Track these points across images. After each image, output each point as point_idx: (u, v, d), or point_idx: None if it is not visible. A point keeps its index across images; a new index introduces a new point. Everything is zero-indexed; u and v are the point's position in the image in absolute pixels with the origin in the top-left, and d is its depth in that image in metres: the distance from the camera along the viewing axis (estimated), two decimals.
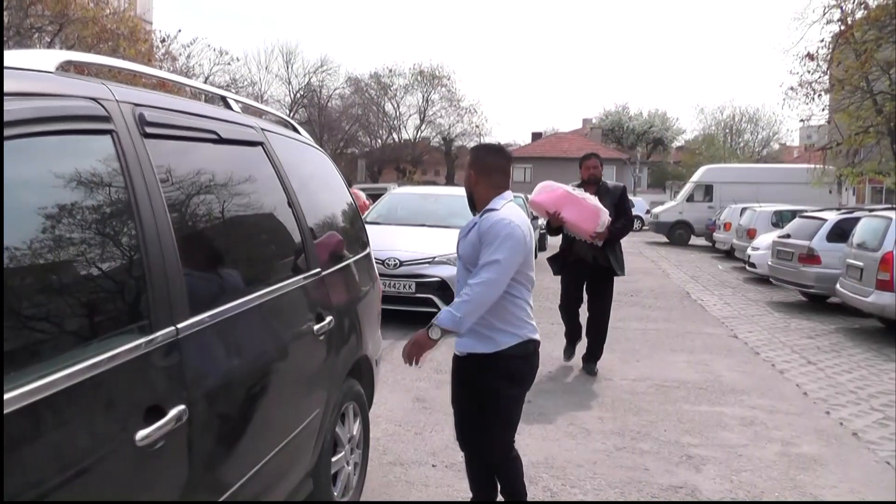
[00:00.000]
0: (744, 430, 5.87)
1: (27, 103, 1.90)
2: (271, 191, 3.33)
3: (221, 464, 2.48)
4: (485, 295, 3.29)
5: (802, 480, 4.85)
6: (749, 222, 19.36)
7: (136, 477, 2.00)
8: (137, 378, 2.05)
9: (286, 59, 51.80)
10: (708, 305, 12.69)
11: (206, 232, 2.77)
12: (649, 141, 63.86)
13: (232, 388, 2.56)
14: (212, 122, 2.93)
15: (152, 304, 2.16)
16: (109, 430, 1.91)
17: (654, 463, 5.08)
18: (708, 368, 7.94)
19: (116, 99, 2.28)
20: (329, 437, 3.64)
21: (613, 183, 7.58)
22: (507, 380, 3.50)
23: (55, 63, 2.19)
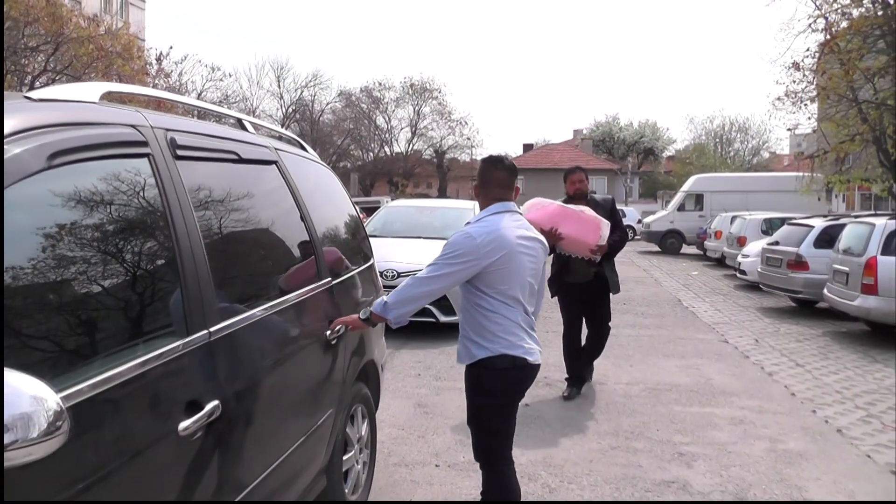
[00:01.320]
0: (733, 428, 6.12)
1: (80, 132, 2.13)
2: (286, 206, 3.59)
3: (249, 454, 2.71)
4: (412, 288, 3.48)
5: (788, 474, 5.10)
6: (739, 230, 19.66)
7: (179, 463, 2.23)
8: (179, 375, 2.28)
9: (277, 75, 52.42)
10: (699, 312, 12.96)
11: (230, 244, 3.01)
12: (640, 151, 64.23)
13: (257, 387, 2.79)
14: (232, 143, 3.19)
15: (187, 310, 2.39)
16: (157, 421, 2.15)
17: (647, 460, 5.31)
18: (699, 372, 8.18)
19: (151, 125, 2.53)
20: (340, 436, 3.88)
21: (602, 196, 7.24)
22: (476, 390, 3.60)
23: (98, 94, 2.44)
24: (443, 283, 3.47)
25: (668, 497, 4.67)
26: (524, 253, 3.54)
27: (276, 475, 2.96)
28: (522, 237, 3.57)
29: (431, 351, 8.84)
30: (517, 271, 3.51)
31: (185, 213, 2.51)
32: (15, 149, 1.84)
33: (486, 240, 3.43)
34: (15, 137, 1.86)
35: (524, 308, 3.58)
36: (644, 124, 65.08)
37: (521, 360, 3.50)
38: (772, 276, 13.62)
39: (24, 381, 1.42)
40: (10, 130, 1.86)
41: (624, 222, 7.74)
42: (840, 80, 18.34)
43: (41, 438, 1.39)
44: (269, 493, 2.91)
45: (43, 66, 20.36)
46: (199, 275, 2.47)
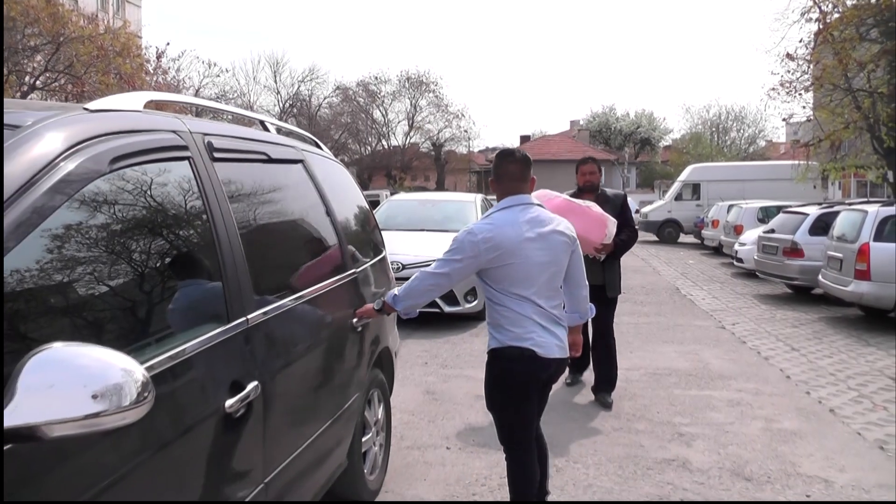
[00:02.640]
0: (730, 410, 6.37)
1: (132, 139, 2.36)
2: (312, 202, 3.85)
3: (287, 431, 2.95)
4: (419, 283, 3.70)
5: (783, 451, 5.35)
6: (736, 219, 19.91)
7: (226, 437, 2.46)
8: (223, 358, 2.51)
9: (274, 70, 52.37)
10: (697, 300, 13.21)
11: (263, 238, 3.23)
12: (637, 141, 64.46)
13: (292, 369, 3.04)
14: (262, 144, 3.45)
15: (227, 299, 2.62)
16: (207, 399, 2.38)
17: (648, 440, 5.56)
18: (697, 357, 8.44)
19: (190, 130, 2.75)
20: (359, 419, 4.12)
21: (614, 191, 6.84)
22: (488, 378, 3.81)
23: (142, 102, 2.66)
24: (446, 279, 3.66)
25: (669, 474, 4.91)
26: (534, 248, 3.59)
27: (309, 452, 3.21)
28: (535, 231, 3.62)
29: (437, 340, 9.09)
30: (523, 267, 3.58)
31: (224, 210, 2.74)
32: (84, 155, 2.07)
33: (485, 237, 3.54)
34: (84, 145, 2.09)
35: (536, 303, 3.63)
36: (641, 114, 65.32)
37: (528, 351, 3.60)
38: (768, 263, 13.86)
39: (112, 355, 1.64)
40: (80, 139, 2.09)
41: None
42: (834, 69, 18.56)
43: (132, 406, 1.61)
44: (303, 468, 3.16)
45: (44, 67, 20.50)
46: (237, 267, 2.70)
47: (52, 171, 1.93)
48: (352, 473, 4.06)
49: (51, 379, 1.53)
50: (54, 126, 2.08)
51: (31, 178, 1.87)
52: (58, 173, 1.95)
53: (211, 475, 2.38)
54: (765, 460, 5.18)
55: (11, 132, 1.96)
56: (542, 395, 3.90)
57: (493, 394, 3.82)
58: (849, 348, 9.08)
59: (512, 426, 3.82)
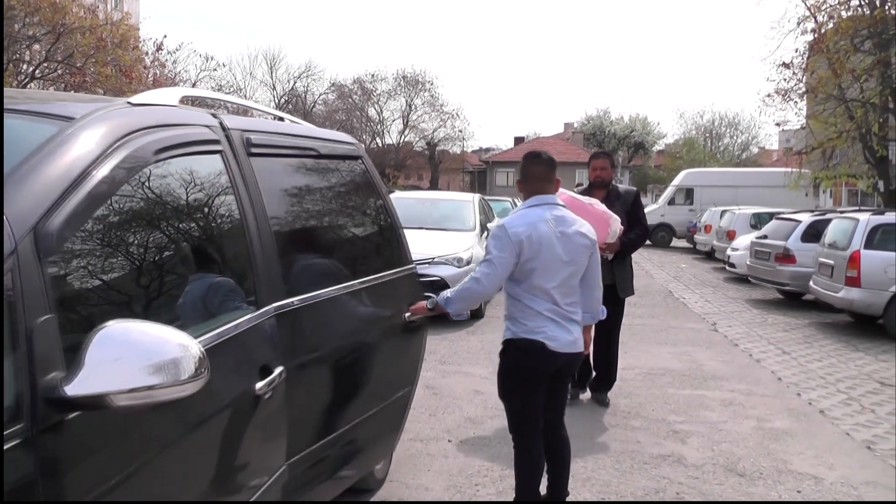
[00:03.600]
0: (723, 409, 6.53)
1: (172, 132, 2.48)
2: (368, 198, 3.99)
3: (313, 418, 3.07)
4: (470, 289, 3.80)
5: (774, 449, 5.50)
6: (729, 224, 20.07)
7: (256, 417, 2.59)
8: (254, 342, 2.64)
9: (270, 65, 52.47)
10: (690, 303, 13.38)
11: (301, 231, 3.36)
12: (630, 145, 64.63)
13: (321, 358, 3.16)
14: (311, 140, 3.60)
15: (257, 287, 2.75)
16: (241, 379, 2.50)
17: (644, 437, 5.71)
18: (691, 358, 8.60)
19: (226, 126, 2.88)
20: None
21: (625, 187, 6.69)
22: (500, 367, 4.00)
23: (177, 98, 2.79)
24: (493, 278, 3.74)
25: (665, 469, 5.06)
26: (559, 246, 3.74)
27: (342, 442, 3.34)
28: (560, 230, 3.77)
29: (435, 337, 9.19)
30: (546, 263, 3.73)
31: (255, 203, 2.86)
32: (133, 146, 2.20)
33: (520, 231, 3.70)
34: (132, 136, 2.22)
35: (553, 300, 3.78)
36: (635, 118, 65.49)
37: (538, 343, 3.75)
38: (760, 268, 14.05)
39: (169, 331, 1.78)
40: (128, 130, 2.22)
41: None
42: (828, 80, 18.77)
43: (190, 379, 1.74)
44: (335, 456, 3.29)
45: (44, 56, 20.55)
46: (265, 256, 2.82)
47: (106, 160, 2.06)
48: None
49: (116, 353, 1.66)
50: (104, 118, 2.21)
51: (88, 165, 1.99)
52: (111, 161, 2.07)
53: (233, 456, 2.50)
54: (757, 457, 5.33)
55: (68, 123, 2.08)
56: (556, 388, 4.03)
57: (504, 382, 3.98)
58: (838, 353, 9.27)
59: (518, 414, 3.97)
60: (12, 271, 1.62)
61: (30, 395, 1.59)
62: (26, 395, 1.59)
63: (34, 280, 1.67)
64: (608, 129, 64.41)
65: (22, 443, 1.56)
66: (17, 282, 1.62)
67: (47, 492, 1.62)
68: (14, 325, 1.60)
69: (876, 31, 18.25)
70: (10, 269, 1.62)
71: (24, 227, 1.70)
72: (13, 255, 1.64)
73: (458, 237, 11.50)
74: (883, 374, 8.12)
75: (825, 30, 19.69)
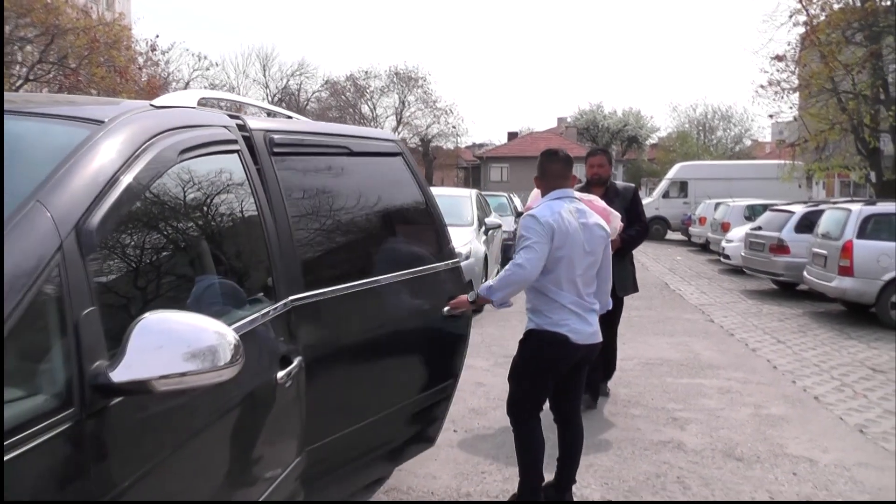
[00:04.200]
0: (721, 397, 6.67)
1: (193, 133, 2.59)
2: (407, 194, 4.06)
3: (333, 409, 3.17)
4: (514, 274, 3.83)
5: (771, 434, 5.65)
6: (723, 216, 20.27)
7: (277, 404, 2.71)
8: (273, 333, 2.76)
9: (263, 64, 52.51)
10: (686, 294, 13.54)
11: (326, 227, 3.45)
12: (624, 139, 64.78)
13: (343, 349, 3.25)
14: (345, 139, 3.71)
15: (275, 280, 2.87)
16: (265, 371, 2.62)
17: (644, 424, 5.84)
18: (688, 348, 8.74)
19: (250, 127, 3.01)
20: None
21: (623, 184, 6.68)
22: (520, 352, 4.15)
23: (196, 100, 2.91)
24: (535, 262, 3.81)
25: (665, 454, 5.19)
26: (582, 237, 3.93)
27: (367, 434, 3.43)
28: (581, 222, 3.97)
29: None
30: (572, 253, 3.90)
31: (274, 200, 2.98)
32: (159, 147, 2.30)
33: (551, 220, 3.86)
34: (158, 137, 2.33)
35: (577, 290, 3.95)
36: (628, 112, 65.64)
37: (561, 336, 3.92)
38: (755, 259, 14.21)
39: (206, 320, 1.89)
40: (154, 132, 2.32)
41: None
42: (820, 74, 18.94)
43: (227, 366, 1.86)
44: (358, 449, 3.41)
45: (38, 58, 20.59)
46: (283, 252, 2.94)
47: (136, 161, 2.17)
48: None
49: (157, 341, 1.78)
50: (132, 121, 2.32)
51: (121, 166, 2.10)
52: (141, 162, 2.18)
53: (255, 443, 2.62)
54: (754, 442, 5.47)
55: (98, 127, 2.19)
56: (574, 378, 4.18)
57: (519, 367, 4.14)
58: (832, 341, 9.43)
59: (522, 399, 4.13)
60: (59, 266, 1.73)
61: (79, 382, 1.71)
62: (76, 382, 1.70)
63: (79, 275, 1.79)
64: (601, 123, 64.54)
65: (73, 426, 1.67)
66: (63, 277, 1.74)
67: (96, 473, 1.74)
68: (62, 318, 1.71)
69: (867, 24, 18.42)
70: (58, 265, 1.73)
71: (67, 226, 1.81)
72: (59, 252, 1.75)
73: (456, 232, 11.55)
74: (875, 361, 8.28)
75: (817, 22, 19.87)
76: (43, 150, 2.06)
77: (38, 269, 1.67)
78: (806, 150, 23.38)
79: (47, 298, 1.69)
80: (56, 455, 1.63)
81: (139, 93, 23.20)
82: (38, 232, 1.73)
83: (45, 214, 1.78)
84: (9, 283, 1.59)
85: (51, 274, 1.70)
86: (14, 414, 1.54)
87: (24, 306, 1.60)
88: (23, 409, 1.57)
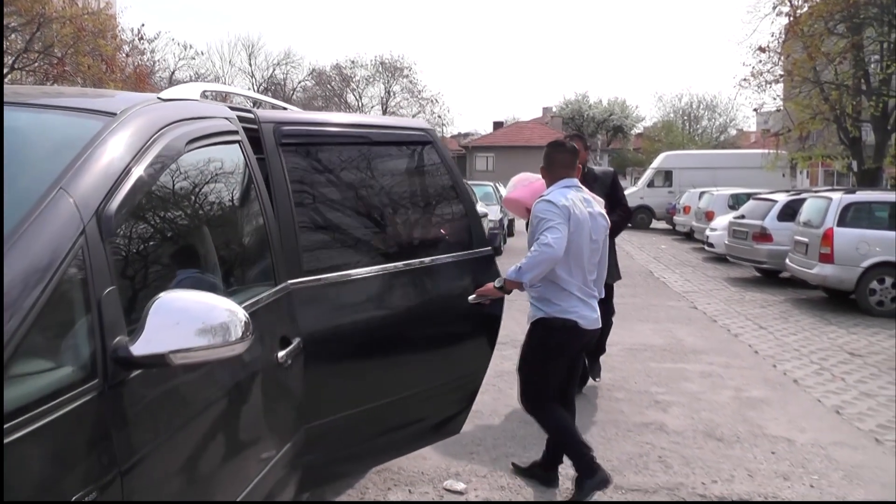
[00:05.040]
0: (703, 380, 6.86)
1: (198, 124, 2.72)
2: (429, 180, 4.08)
3: (337, 388, 3.29)
4: (542, 253, 3.87)
5: (751, 416, 5.84)
6: (707, 205, 20.49)
7: (278, 384, 2.85)
8: (275, 313, 2.90)
9: (249, 53, 52.38)
10: (670, 282, 13.75)
11: (336, 216, 3.54)
12: (609, 129, 64.99)
13: (340, 333, 3.32)
14: (366, 129, 3.82)
15: (275, 265, 3.01)
16: (267, 349, 2.76)
17: (628, 407, 6.02)
18: (671, 334, 8.94)
19: (261, 120, 3.16)
20: None
21: (602, 169, 6.53)
22: (530, 342, 4.28)
23: (198, 92, 3.03)
24: (561, 241, 3.90)
25: (647, 436, 5.36)
26: (590, 223, 4.10)
27: (371, 417, 3.51)
28: (588, 210, 4.12)
29: None
30: (580, 241, 4.05)
31: (278, 188, 3.13)
32: (169, 137, 2.43)
33: (567, 205, 4.01)
34: (167, 128, 2.45)
35: (583, 278, 4.12)
36: (613, 102, 65.83)
37: (571, 322, 4.10)
38: (738, 247, 14.43)
39: (218, 299, 2.03)
40: (163, 123, 2.44)
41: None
42: (803, 64, 19.16)
43: (238, 341, 1.99)
44: (362, 430, 3.51)
45: (24, 48, 20.54)
46: (283, 238, 3.07)
47: (147, 151, 2.30)
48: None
49: (174, 318, 1.91)
50: (142, 113, 2.44)
51: (134, 156, 2.23)
52: (152, 152, 2.31)
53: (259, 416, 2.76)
54: (734, 423, 5.66)
55: (111, 119, 2.31)
56: (575, 361, 4.36)
57: (530, 357, 4.28)
58: (813, 326, 9.65)
59: (539, 387, 4.27)
60: (83, 249, 1.86)
61: (102, 355, 1.84)
62: (99, 355, 1.83)
63: (100, 257, 1.92)
64: (587, 112, 64.67)
65: (97, 396, 1.80)
66: (87, 258, 1.87)
67: (117, 439, 1.87)
68: (87, 296, 1.84)
69: (849, 15, 18.63)
70: (81, 248, 1.86)
71: (89, 211, 1.94)
72: (82, 236, 1.88)
73: None
74: (853, 346, 8.51)
75: (800, 13, 20.09)
76: (61, 140, 2.18)
77: (64, 251, 1.80)
78: (789, 140, 23.66)
79: (73, 279, 1.82)
80: (83, 421, 1.76)
81: (125, 81, 23.20)
82: (63, 217, 1.86)
83: (68, 201, 1.90)
84: (39, 264, 1.72)
85: (76, 256, 1.83)
86: (46, 383, 1.67)
87: (52, 286, 1.73)
88: (53, 380, 1.70)
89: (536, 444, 5.05)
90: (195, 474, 2.25)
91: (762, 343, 8.56)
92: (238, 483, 2.51)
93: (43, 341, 1.72)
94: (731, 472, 4.74)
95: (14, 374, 1.59)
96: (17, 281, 1.66)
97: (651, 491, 4.47)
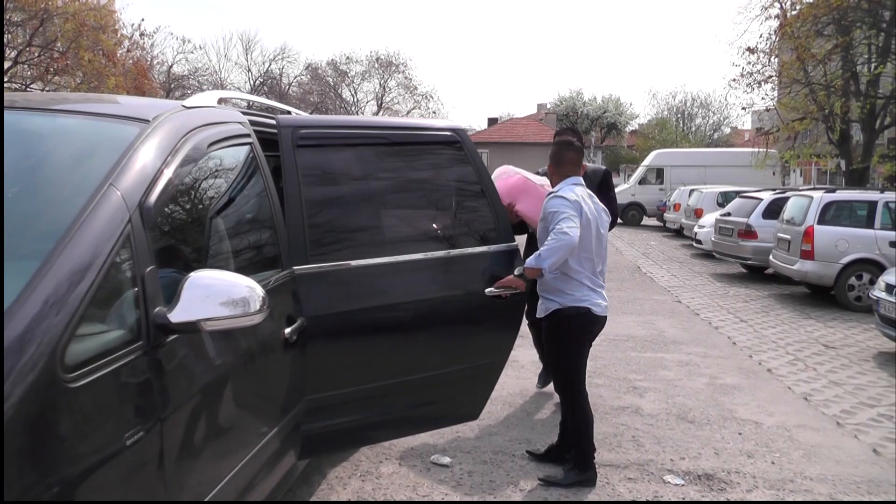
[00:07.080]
0: (680, 369, 7.26)
1: (217, 129, 3.09)
2: (450, 178, 4.27)
3: (331, 367, 3.62)
4: (560, 241, 4.08)
5: (722, 401, 6.23)
6: (696, 203, 20.87)
7: (284, 357, 3.22)
8: (282, 295, 3.27)
9: (245, 47, 52.65)
10: (657, 277, 14.16)
11: (347, 209, 3.82)
12: (603, 126, 65.21)
13: (344, 318, 3.61)
14: (383, 131, 4.12)
15: (281, 252, 3.38)
16: (275, 326, 3.13)
17: (606, 392, 6.41)
18: (653, 326, 9.34)
19: (281, 124, 3.57)
20: None
21: (594, 166, 6.14)
22: (551, 336, 4.57)
23: (215, 99, 3.40)
24: (575, 232, 4.12)
25: (623, 418, 5.75)
26: (596, 218, 4.40)
27: (372, 394, 3.80)
28: (593, 206, 4.43)
29: None
30: (589, 234, 4.33)
31: (290, 184, 3.50)
32: (193, 140, 2.80)
33: (575, 197, 4.31)
34: (192, 133, 2.82)
35: (592, 268, 4.40)
36: (607, 99, 66.04)
37: (584, 309, 4.37)
38: (724, 244, 14.83)
39: (240, 278, 2.40)
40: (189, 128, 2.82)
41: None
42: (792, 66, 19.55)
43: (256, 312, 2.37)
44: (371, 406, 3.82)
45: (27, 42, 20.82)
46: (291, 229, 3.44)
47: (178, 152, 2.67)
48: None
49: (204, 292, 2.29)
50: (171, 119, 2.81)
51: (167, 156, 2.60)
52: (181, 153, 2.69)
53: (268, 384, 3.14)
54: (706, 408, 6.05)
55: (146, 125, 2.68)
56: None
57: (556, 349, 4.59)
58: (791, 320, 10.07)
59: (569, 374, 4.59)
60: (129, 235, 2.24)
61: (145, 322, 2.22)
62: (143, 321, 2.21)
63: (142, 241, 2.29)
64: (581, 109, 64.89)
65: (142, 355, 2.18)
66: (132, 243, 2.24)
67: (158, 392, 2.25)
68: (133, 273, 2.22)
69: (837, 17, 19.02)
70: (128, 234, 2.23)
71: (133, 204, 2.31)
72: (129, 224, 2.25)
73: None
74: (829, 339, 8.92)
75: (789, 15, 20.48)
76: (107, 142, 2.55)
77: (116, 236, 2.18)
78: (780, 139, 24.06)
79: (123, 259, 2.19)
80: (132, 375, 2.14)
81: (126, 76, 23.51)
82: (114, 208, 2.23)
83: (116, 194, 2.28)
84: (98, 246, 2.10)
85: (125, 240, 2.21)
86: (103, 342, 2.06)
87: (108, 264, 2.11)
88: (108, 339, 2.08)
89: (518, 425, 5.46)
90: (216, 426, 2.64)
91: (741, 335, 8.96)
92: (252, 436, 2.90)
93: (99, 309, 2.09)
94: (699, 451, 5.13)
95: (79, 334, 1.97)
96: (85, 260, 2.04)
97: (622, 466, 4.85)
